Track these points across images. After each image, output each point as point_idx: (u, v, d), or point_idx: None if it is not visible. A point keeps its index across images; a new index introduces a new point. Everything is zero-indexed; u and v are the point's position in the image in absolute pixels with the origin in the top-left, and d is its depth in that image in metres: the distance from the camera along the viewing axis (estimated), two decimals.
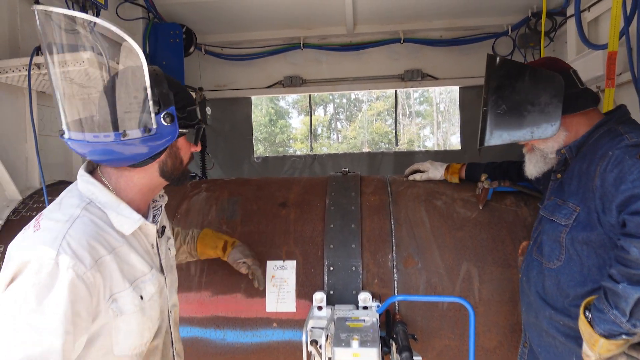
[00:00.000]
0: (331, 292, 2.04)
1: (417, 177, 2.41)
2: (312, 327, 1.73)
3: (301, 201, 2.33)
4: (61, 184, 2.82)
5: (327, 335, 1.66)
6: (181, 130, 1.28)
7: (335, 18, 4.16)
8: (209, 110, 3.97)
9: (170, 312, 1.50)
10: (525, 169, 1.84)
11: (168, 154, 1.32)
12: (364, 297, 1.94)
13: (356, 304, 1.96)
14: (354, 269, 2.07)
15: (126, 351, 1.25)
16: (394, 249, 2.11)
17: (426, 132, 25.89)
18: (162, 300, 1.41)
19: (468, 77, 4.51)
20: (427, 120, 25.57)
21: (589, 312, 1.41)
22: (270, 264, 2.12)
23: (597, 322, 1.36)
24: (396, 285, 2.06)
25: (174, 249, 1.63)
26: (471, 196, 2.23)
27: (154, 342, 1.38)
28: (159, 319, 1.39)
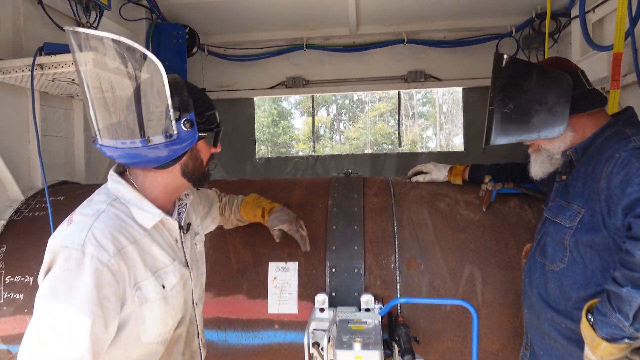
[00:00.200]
0: (333, 294, 2.03)
1: (420, 178, 2.39)
2: (314, 329, 1.72)
3: (304, 202, 2.32)
4: (63, 184, 2.81)
5: (329, 337, 1.66)
6: (200, 134, 1.38)
7: (338, 19, 4.15)
8: None
9: (197, 303, 1.60)
10: (530, 169, 1.82)
11: (189, 156, 1.43)
12: (366, 299, 1.93)
13: (358, 306, 1.95)
14: (356, 270, 2.06)
15: (153, 338, 1.37)
16: (396, 250, 2.10)
17: (429, 133, 25.90)
18: (186, 292, 1.51)
19: (471, 79, 4.50)
20: (429, 121, 25.57)
21: (591, 315, 1.40)
22: (272, 266, 2.12)
23: (600, 326, 1.35)
24: (399, 287, 2.05)
25: (201, 244, 1.72)
26: (474, 198, 2.22)
27: (177, 331, 1.48)
28: (183, 309, 1.49)
